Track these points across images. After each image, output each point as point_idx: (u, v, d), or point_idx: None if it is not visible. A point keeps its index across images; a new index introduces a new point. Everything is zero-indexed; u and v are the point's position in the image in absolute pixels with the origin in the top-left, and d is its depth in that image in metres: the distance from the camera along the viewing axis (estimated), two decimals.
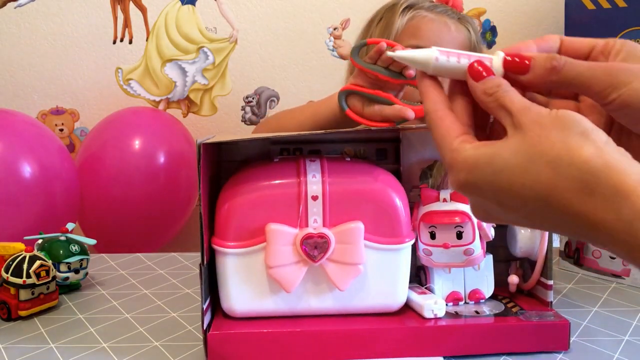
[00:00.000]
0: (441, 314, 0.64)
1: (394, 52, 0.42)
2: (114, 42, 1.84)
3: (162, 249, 1.53)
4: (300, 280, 0.62)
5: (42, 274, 0.74)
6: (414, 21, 1.04)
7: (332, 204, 0.62)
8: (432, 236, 0.66)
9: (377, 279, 0.64)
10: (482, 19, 1.81)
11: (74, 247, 0.82)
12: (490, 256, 0.69)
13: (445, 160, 0.39)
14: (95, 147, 1.64)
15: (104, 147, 1.62)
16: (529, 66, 0.38)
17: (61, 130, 1.86)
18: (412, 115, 0.70)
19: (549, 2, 1.77)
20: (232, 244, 0.62)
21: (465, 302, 0.69)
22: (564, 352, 0.63)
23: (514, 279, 0.70)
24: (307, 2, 1.83)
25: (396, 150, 0.72)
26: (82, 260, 0.82)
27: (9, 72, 1.84)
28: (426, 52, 0.41)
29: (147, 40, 1.85)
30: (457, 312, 0.66)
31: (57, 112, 1.86)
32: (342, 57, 1.84)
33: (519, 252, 0.70)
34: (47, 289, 0.75)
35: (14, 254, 0.75)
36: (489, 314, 0.66)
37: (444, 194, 0.66)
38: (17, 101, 1.84)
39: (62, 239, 0.83)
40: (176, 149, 1.62)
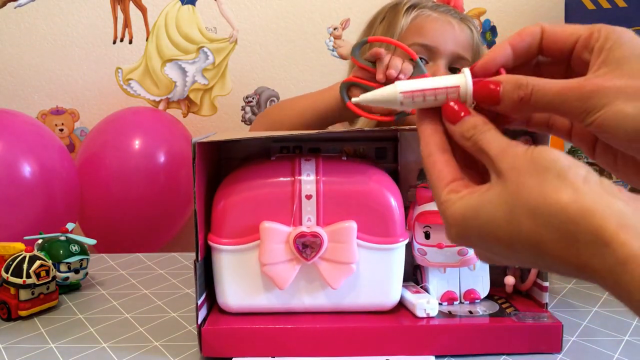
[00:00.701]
0: (434, 313, 0.64)
1: (359, 99, 0.40)
2: (114, 42, 1.84)
3: (162, 249, 1.53)
4: (293, 278, 0.62)
5: (42, 274, 0.74)
6: (418, 20, 1.04)
7: (325, 203, 0.62)
8: (427, 236, 0.66)
9: (370, 278, 0.64)
10: (482, 19, 1.80)
11: (74, 247, 0.82)
12: None
13: (438, 209, 0.38)
14: (95, 147, 1.64)
15: (104, 147, 1.62)
16: (499, 96, 0.37)
17: (61, 130, 1.86)
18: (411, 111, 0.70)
19: (549, 2, 1.77)
20: (227, 240, 0.63)
21: (460, 302, 0.69)
22: (563, 353, 0.63)
23: (510, 280, 0.70)
24: (307, 2, 1.83)
25: (395, 149, 0.73)
26: (82, 260, 0.83)
27: (9, 72, 1.84)
28: (388, 89, 0.39)
29: (147, 40, 1.85)
30: (450, 311, 0.66)
31: (57, 112, 1.86)
32: (342, 57, 1.83)
33: None
34: (47, 289, 0.75)
35: (14, 254, 0.75)
36: (482, 314, 0.66)
37: None
38: (17, 101, 1.84)
39: (62, 239, 0.83)
40: (176, 149, 1.62)
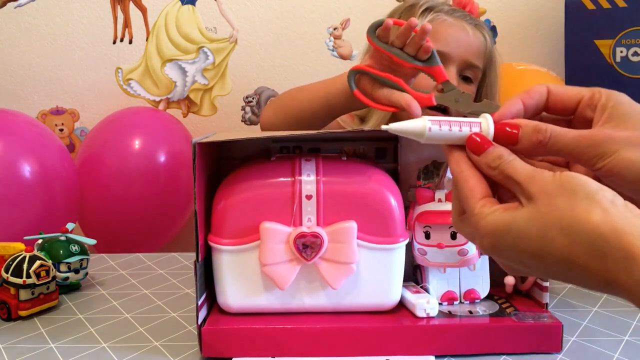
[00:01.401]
0: (434, 313, 0.64)
1: (388, 127, 0.43)
2: (114, 42, 1.84)
3: (162, 249, 1.53)
4: (293, 278, 0.62)
5: (42, 274, 0.74)
6: (434, 24, 1.03)
7: (326, 203, 0.62)
8: (427, 236, 0.66)
9: (371, 278, 0.64)
10: (482, 19, 1.81)
11: (74, 247, 0.82)
12: (485, 257, 0.69)
13: (471, 222, 0.41)
14: (95, 147, 1.64)
15: (104, 147, 1.62)
16: (518, 137, 0.40)
17: (61, 130, 1.86)
18: (416, 110, 0.69)
19: (549, 2, 1.77)
20: (228, 241, 0.63)
21: (460, 302, 0.69)
22: (563, 353, 0.63)
23: (510, 280, 0.70)
24: (307, 2, 1.83)
25: (395, 149, 0.73)
26: (82, 260, 0.83)
27: (9, 72, 1.84)
28: (418, 122, 0.42)
29: (147, 40, 1.85)
30: (450, 311, 0.66)
31: (57, 112, 1.86)
32: (342, 57, 1.83)
33: None
34: (47, 289, 0.75)
35: (14, 254, 0.75)
36: (482, 314, 0.66)
37: (439, 194, 0.66)
38: (17, 101, 1.84)
39: (62, 239, 0.83)
40: (176, 149, 1.62)
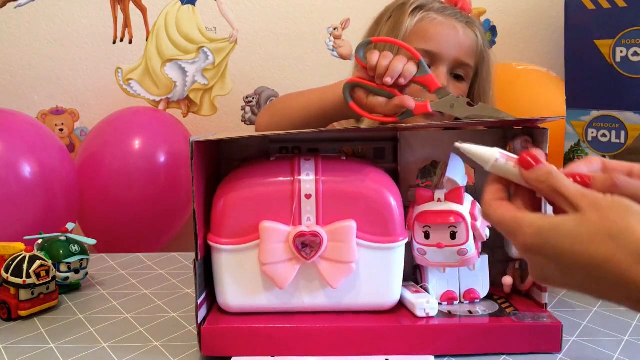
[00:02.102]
0: (433, 313, 0.64)
1: (461, 145, 0.48)
2: (114, 42, 1.84)
3: (162, 249, 1.53)
4: (293, 277, 0.62)
5: (42, 274, 0.74)
6: (423, 23, 1.03)
7: (325, 203, 0.62)
8: (427, 236, 0.66)
9: (370, 277, 0.64)
10: (482, 19, 1.80)
11: (74, 247, 0.82)
12: (485, 257, 0.69)
13: (509, 229, 0.45)
14: (95, 147, 1.63)
15: (104, 147, 1.61)
16: (590, 184, 0.45)
17: (61, 130, 1.86)
18: (412, 104, 0.71)
19: (549, 2, 1.76)
20: (227, 240, 0.63)
21: (460, 302, 0.69)
22: (563, 353, 0.63)
23: (507, 281, 0.70)
24: (307, 2, 1.83)
25: (394, 149, 0.73)
26: (82, 260, 0.83)
27: (9, 72, 1.84)
28: (488, 151, 0.47)
29: (147, 40, 1.84)
30: (450, 311, 0.66)
31: (57, 112, 1.86)
32: (342, 57, 1.83)
33: (515, 254, 0.70)
34: (47, 289, 0.75)
35: (14, 254, 0.75)
36: (482, 314, 0.66)
37: (439, 194, 0.66)
38: (17, 101, 1.83)
39: (62, 239, 0.83)
40: (176, 149, 1.62)
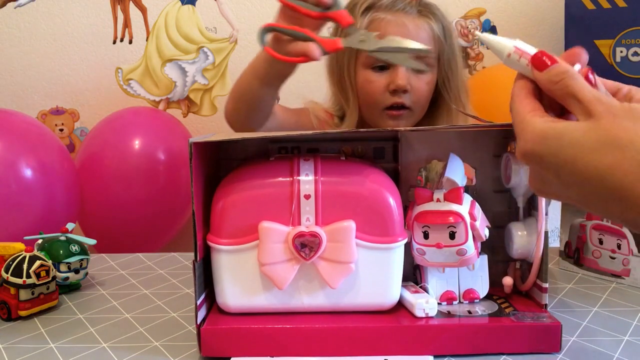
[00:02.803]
0: (433, 313, 0.64)
1: (480, 34, 0.47)
2: (114, 42, 1.84)
3: (162, 249, 1.53)
4: (292, 277, 0.62)
5: (42, 274, 0.74)
6: (373, 25, 1.03)
7: (324, 203, 0.62)
8: (426, 236, 0.66)
9: (369, 277, 0.64)
10: (482, 19, 1.80)
11: (74, 247, 0.82)
12: (485, 256, 0.69)
13: (515, 130, 0.42)
14: (95, 147, 1.64)
15: (104, 147, 1.62)
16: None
17: (61, 130, 1.86)
18: (317, 54, 0.72)
19: (549, 2, 1.77)
20: (226, 240, 0.63)
21: (459, 302, 0.68)
22: (563, 353, 0.63)
23: (507, 281, 0.69)
24: None
25: (394, 149, 0.72)
26: (82, 260, 0.82)
27: (9, 72, 1.84)
28: (504, 43, 0.45)
29: (147, 40, 1.85)
30: (449, 311, 0.66)
31: (57, 112, 1.86)
32: None
33: (515, 254, 0.70)
34: (47, 289, 0.75)
35: (14, 254, 0.75)
36: (481, 314, 0.65)
37: (438, 194, 0.66)
38: (17, 101, 1.84)
39: (62, 239, 0.83)
40: (176, 149, 1.62)
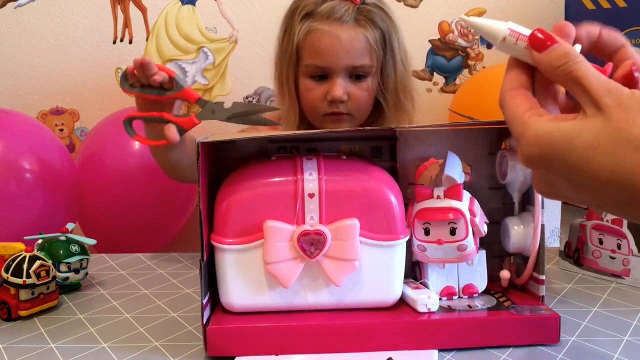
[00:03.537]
0: (434, 308, 0.65)
1: (468, 19, 0.42)
2: (114, 42, 1.84)
3: (162, 249, 1.53)
4: (297, 276, 0.63)
5: (42, 274, 0.74)
6: (310, 37, 1.03)
7: (328, 201, 0.63)
8: (427, 232, 0.67)
9: (372, 274, 0.65)
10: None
11: (74, 247, 0.82)
12: (483, 252, 0.70)
13: (513, 132, 0.38)
14: (95, 147, 1.63)
15: (104, 147, 1.61)
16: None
17: (61, 130, 1.86)
18: (175, 136, 0.78)
19: (549, 2, 1.76)
20: (231, 240, 0.63)
21: (459, 297, 0.70)
22: (563, 353, 0.63)
23: (505, 274, 0.71)
24: None
25: (391, 147, 0.73)
26: (82, 260, 0.83)
27: (9, 72, 1.84)
28: (496, 27, 0.40)
29: (147, 40, 1.84)
30: (450, 306, 0.67)
31: (57, 112, 1.86)
32: None
33: (512, 248, 0.71)
34: (47, 289, 0.75)
35: (14, 254, 0.75)
36: (481, 308, 0.66)
37: (438, 191, 0.67)
38: (17, 101, 1.83)
39: (62, 239, 0.83)
40: None
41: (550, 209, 0.67)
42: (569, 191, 0.37)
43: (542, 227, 0.67)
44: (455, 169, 0.69)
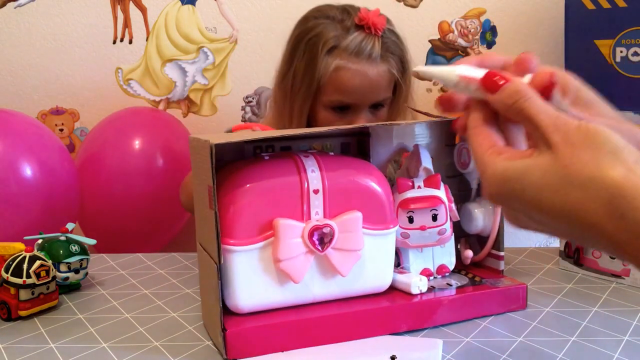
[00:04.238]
0: (424, 289, 0.71)
1: (421, 69, 0.44)
2: (114, 42, 1.84)
3: (162, 249, 1.53)
4: (307, 270, 0.65)
5: (42, 274, 0.74)
6: (339, 74, 1.04)
7: (330, 197, 0.66)
8: (410, 220, 0.72)
9: (372, 262, 0.69)
10: (482, 19, 1.80)
11: (74, 247, 0.82)
12: (452, 234, 0.76)
13: (479, 171, 0.40)
14: (95, 147, 1.63)
15: (104, 147, 1.61)
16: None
17: (61, 130, 1.86)
18: None
19: (549, 2, 1.76)
20: (241, 241, 0.63)
21: (434, 277, 0.76)
22: (563, 353, 0.63)
23: (468, 253, 0.78)
24: (307, 2, 1.82)
25: (359, 143, 0.78)
26: (82, 260, 0.83)
27: (9, 72, 1.84)
28: (447, 73, 0.41)
29: (147, 40, 1.84)
30: (433, 286, 0.73)
31: (57, 112, 1.86)
32: None
33: (474, 230, 0.78)
34: (47, 289, 0.75)
35: (14, 254, 0.75)
36: (460, 285, 0.74)
37: (418, 182, 0.73)
38: (17, 101, 1.83)
39: (62, 239, 0.83)
40: (176, 149, 1.62)
41: None
42: (533, 224, 0.39)
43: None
44: (428, 161, 0.75)
